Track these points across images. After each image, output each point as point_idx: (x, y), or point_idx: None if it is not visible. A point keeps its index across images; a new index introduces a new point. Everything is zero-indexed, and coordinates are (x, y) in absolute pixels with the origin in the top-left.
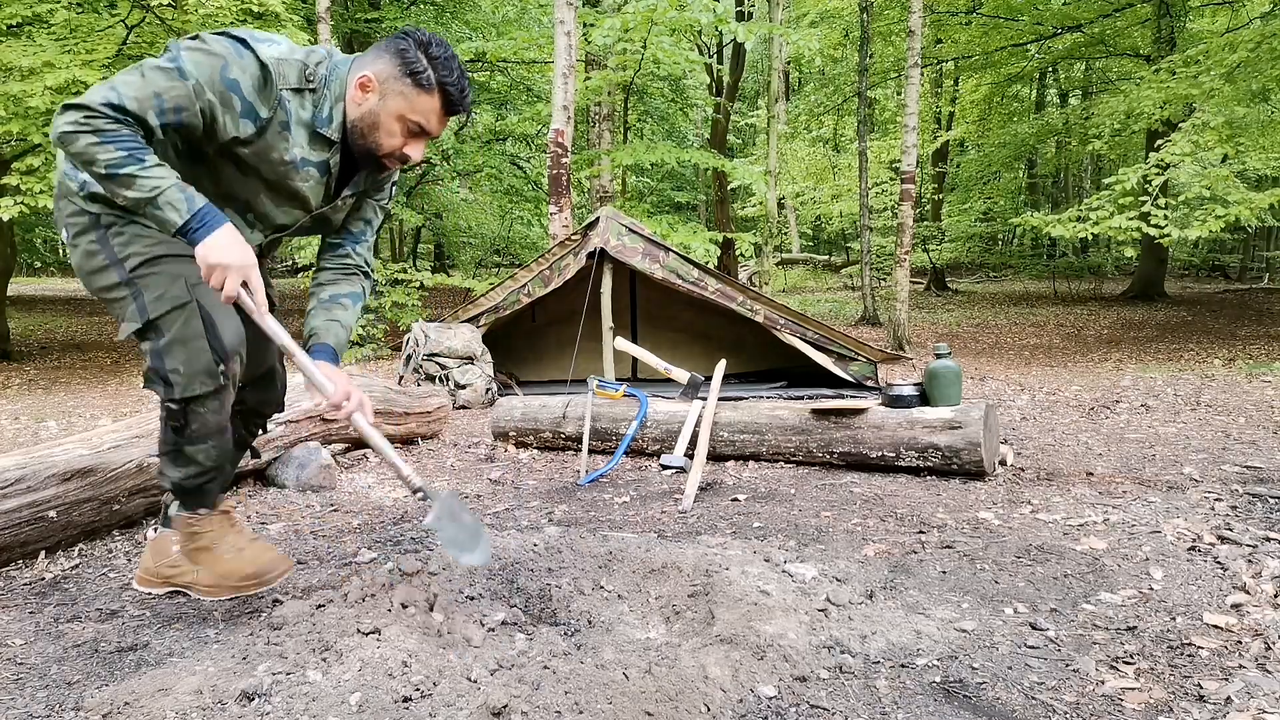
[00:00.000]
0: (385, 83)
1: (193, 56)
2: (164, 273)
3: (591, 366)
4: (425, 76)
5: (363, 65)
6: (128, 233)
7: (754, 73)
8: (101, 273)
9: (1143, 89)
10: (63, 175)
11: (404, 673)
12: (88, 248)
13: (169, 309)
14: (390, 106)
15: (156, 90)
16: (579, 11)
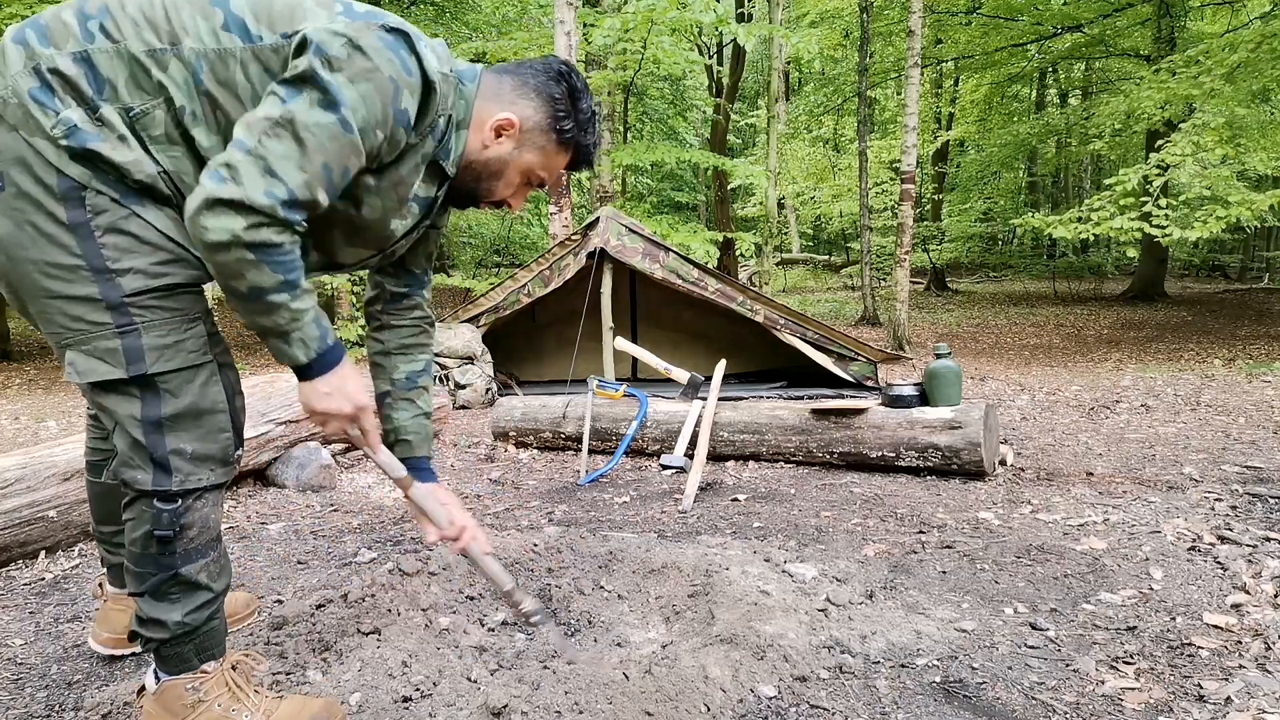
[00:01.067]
0: (529, 133)
1: (359, 90)
2: (180, 311)
3: (591, 366)
4: (570, 135)
5: (502, 99)
6: (129, 232)
7: (754, 73)
8: (63, 274)
9: (1143, 89)
10: (20, 86)
11: (404, 673)
12: (47, 227)
13: (181, 366)
14: (524, 159)
15: (325, 160)
16: (579, 11)
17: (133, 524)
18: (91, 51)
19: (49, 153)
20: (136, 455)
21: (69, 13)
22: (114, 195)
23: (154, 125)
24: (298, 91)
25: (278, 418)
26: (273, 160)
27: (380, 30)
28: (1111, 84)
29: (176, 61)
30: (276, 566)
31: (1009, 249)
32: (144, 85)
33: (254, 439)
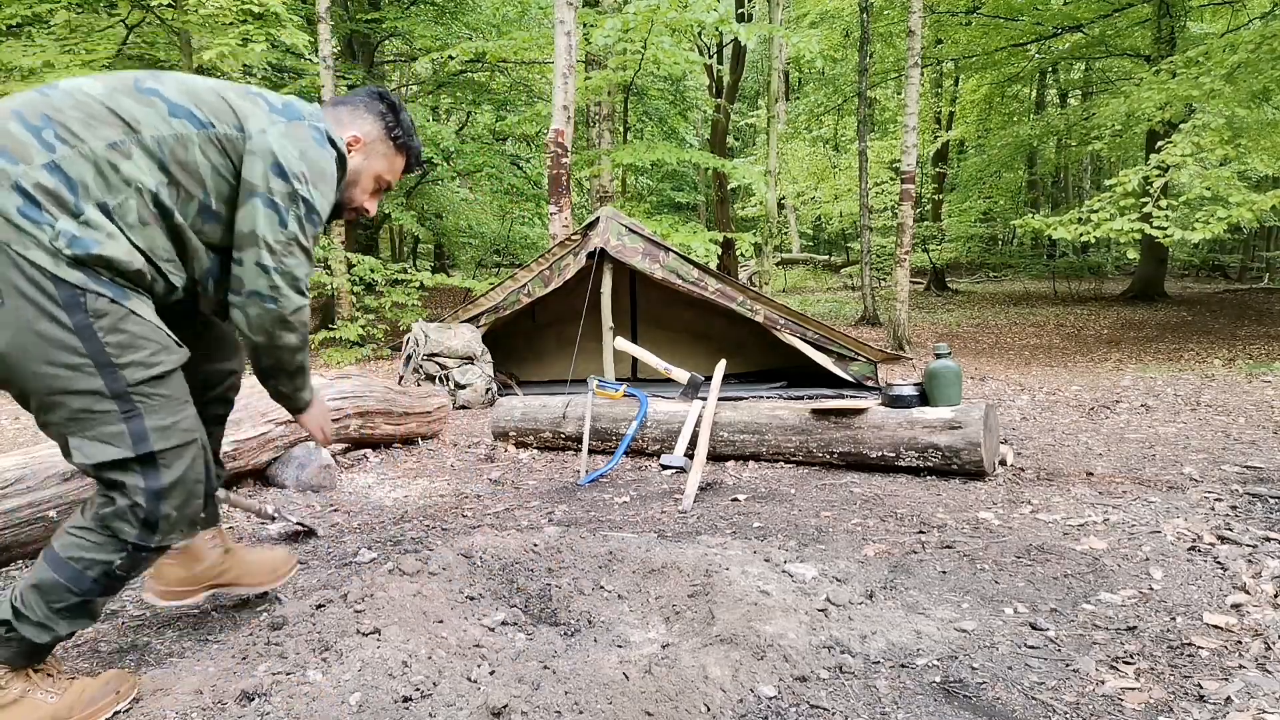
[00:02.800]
0: (371, 144)
1: (323, 193)
2: (174, 396)
3: (591, 366)
4: (402, 141)
5: (343, 124)
6: (127, 330)
7: (754, 73)
8: (69, 372)
9: (1143, 90)
10: (8, 207)
11: (404, 673)
12: (52, 333)
13: (179, 443)
14: (373, 166)
15: (313, 249)
16: (579, 12)
17: (93, 548)
18: (58, 159)
19: (46, 263)
20: (130, 514)
21: (16, 127)
22: (110, 295)
23: (129, 213)
24: (287, 210)
25: (277, 418)
26: (295, 272)
27: (313, 132)
28: (1111, 84)
29: (139, 149)
30: None
31: (1009, 249)
32: (111, 180)
33: (254, 439)
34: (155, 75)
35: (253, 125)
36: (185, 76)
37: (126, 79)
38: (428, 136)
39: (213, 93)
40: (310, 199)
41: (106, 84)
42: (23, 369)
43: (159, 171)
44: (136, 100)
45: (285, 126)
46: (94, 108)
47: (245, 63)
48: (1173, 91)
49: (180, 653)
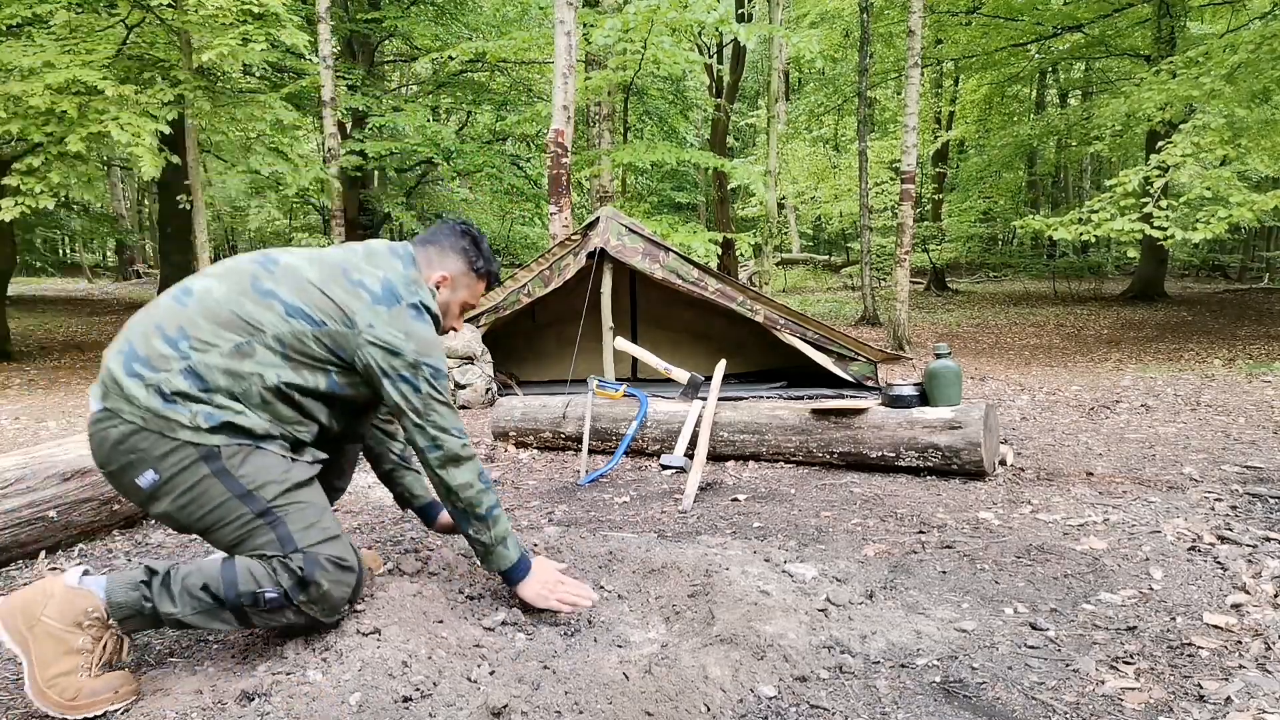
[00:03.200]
0: (456, 279)
1: (434, 355)
2: (311, 502)
3: (591, 366)
4: (483, 270)
5: (433, 264)
6: (254, 462)
7: (754, 73)
8: (219, 508)
9: (1143, 90)
10: (155, 405)
11: (404, 673)
12: (199, 486)
13: (320, 538)
14: (459, 298)
15: (449, 403)
16: (579, 12)
17: (245, 580)
18: (193, 364)
19: (190, 436)
20: (286, 572)
21: (159, 342)
22: (239, 443)
23: (252, 397)
24: (415, 379)
25: None
26: (442, 422)
27: (409, 312)
28: (1111, 84)
29: (263, 348)
30: None
31: (1009, 249)
32: (237, 373)
33: None
34: (271, 270)
35: (360, 321)
36: (294, 268)
37: (245, 279)
38: (428, 136)
39: (321, 294)
40: (428, 364)
41: (230, 287)
42: (189, 519)
43: (281, 361)
44: (257, 304)
45: (387, 315)
46: (222, 314)
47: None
48: (1173, 92)
49: (180, 652)
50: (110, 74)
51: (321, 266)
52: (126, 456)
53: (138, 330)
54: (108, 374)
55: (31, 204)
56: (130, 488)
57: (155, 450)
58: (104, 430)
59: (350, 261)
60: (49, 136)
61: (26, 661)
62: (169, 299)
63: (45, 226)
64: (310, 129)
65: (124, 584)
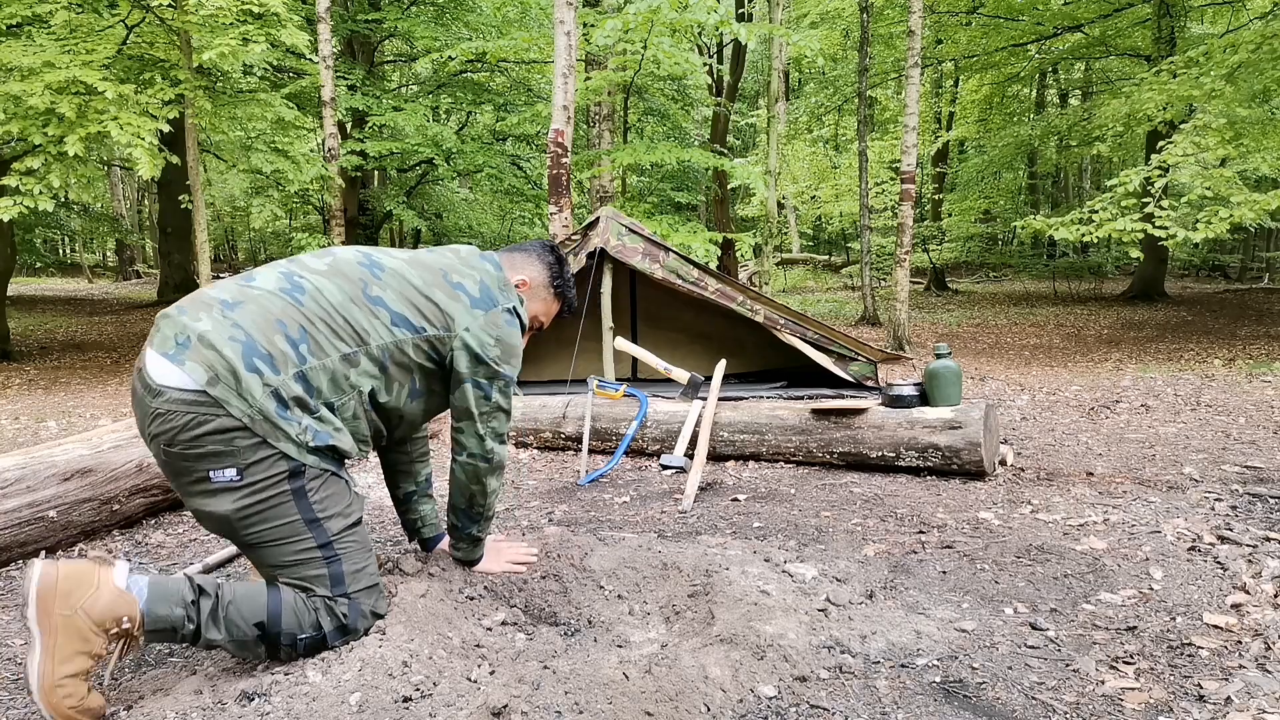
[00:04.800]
0: (535, 289)
1: (515, 364)
2: (361, 541)
3: (591, 366)
4: (561, 290)
5: (516, 268)
6: (330, 489)
7: (754, 73)
8: (284, 527)
9: (1143, 90)
10: (270, 410)
11: (404, 673)
12: (274, 500)
13: (367, 585)
14: (533, 309)
15: (510, 411)
16: (579, 12)
17: (289, 619)
18: (306, 370)
19: (292, 450)
20: (330, 615)
21: (281, 340)
22: (322, 466)
23: (348, 410)
24: (490, 386)
25: None
26: (499, 429)
27: (504, 316)
28: (1111, 84)
29: (366, 359)
30: None
31: (1009, 249)
32: (341, 384)
33: None
34: (378, 276)
35: (458, 324)
36: (399, 274)
37: (356, 284)
38: (428, 137)
39: (425, 298)
40: (505, 373)
41: (342, 289)
42: (245, 529)
43: (378, 372)
44: (365, 311)
45: (483, 319)
46: (336, 320)
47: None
48: (1173, 92)
49: (180, 652)
50: (110, 74)
51: (423, 271)
52: (215, 447)
53: (253, 319)
54: (221, 360)
55: (30, 204)
56: (195, 475)
57: (250, 453)
58: (200, 415)
59: (449, 264)
60: (48, 137)
61: (42, 647)
62: (279, 291)
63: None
64: (311, 127)
65: (168, 598)
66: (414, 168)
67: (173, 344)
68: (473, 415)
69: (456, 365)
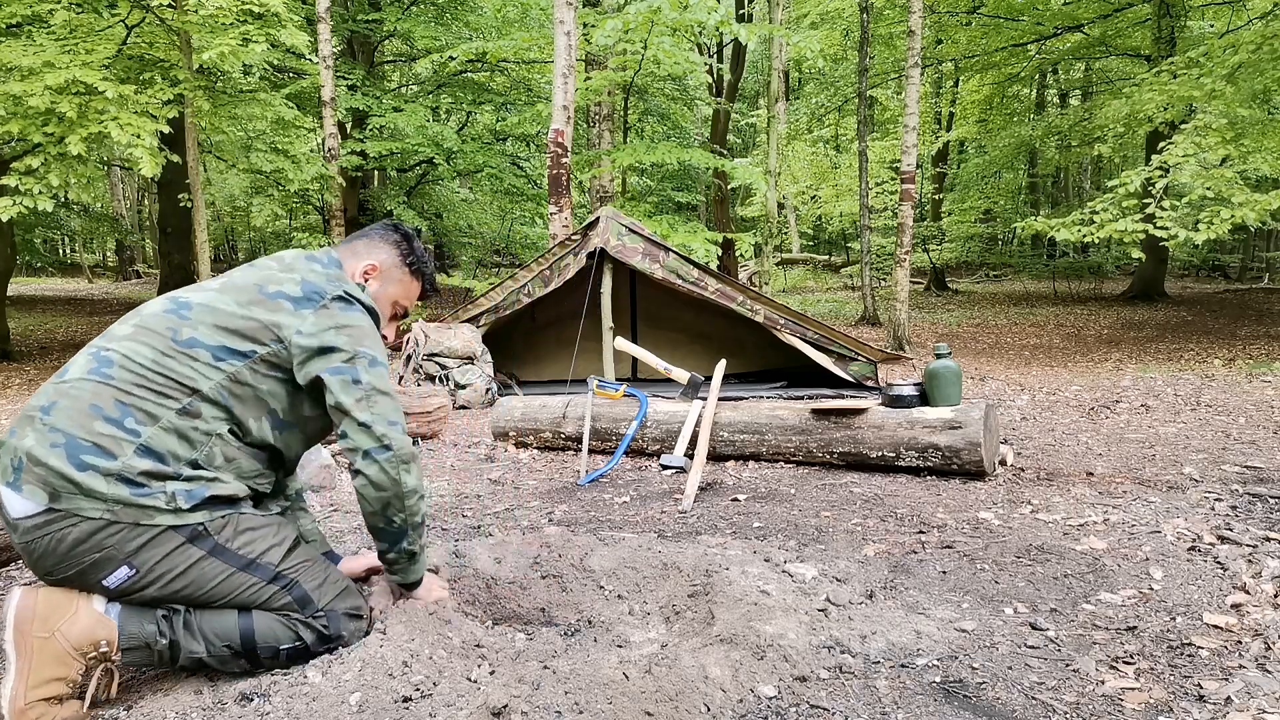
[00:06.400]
0: (387, 271)
1: (369, 344)
2: (309, 557)
3: (591, 366)
4: (416, 267)
5: (359, 255)
6: (245, 530)
7: (754, 73)
8: (222, 584)
9: (1144, 90)
10: (124, 495)
11: (404, 673)
12: (194, 569)
13: (336, 593)
14: (389, 292)
15: (393, 394)
16: (579, 12)
17: (265, 634)
18: (145, 442)
19: (171, 520)
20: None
21: (101, 425)
22: (224, 513)
23: (215, 459)
24: (352, 369)
25: None
26: (389, 416)
27: (337, 306)
28: (1112, 84)
29: (204, 404)
30: None
31: (1009, 249)
32: (192, 438)
33: None
34: (185, 317)
35: (287, 333)
36: (208, 306)
37: (163, 335)
38: (428, 136)
39: (243, 319)
40: (364, 352)
41: (151, 345)
42: (185, 599)
43: (224, 413)
44: (182, 359)
45: (313, 317)
46: (152, 380)
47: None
48: (1173, 92)
49: None
50: (110, 74)
51: (236, 292)
52: (90, 556)
53: (67, 416)
54: (50, 472)
55: (30, 204)
56: (99, 585)
57: (128, 544)
58: (56, 533)
59: (265, 276)
60: (48, 137)
61: (16, 669)
62: (87, 375)
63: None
64: (311, 127)
65: (140, 616)
66: (414, 168)
67: (10, 471)
68: (346, 409)
69: (308, 370)
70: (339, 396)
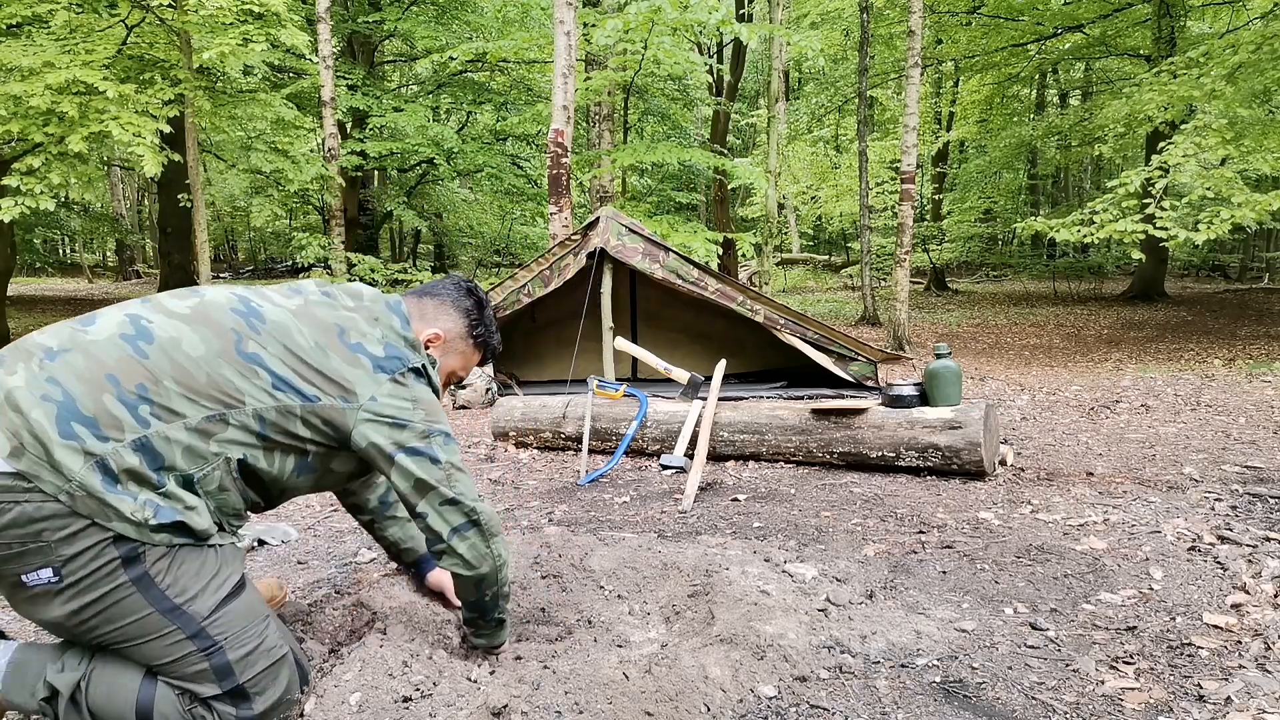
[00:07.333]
0: (451, 342)
1: (440, 418)
2: (246, 612)
3: (591, 366)
4: (483, 339)
5: (426, 319)
6: (183, 566)
7: (754, 73)
8: (134, 624)
9: (1144, 91)
10: (93, 485)
11: (404, 673)
12: (110, 597)
13: (264, 667)
14: (449, 364)
15: (466, 469)
16: (579, 12)
17: (165, 714)
18: (148, 437)
19: (129, 531)
20: None
21: (111, 400)
22: (173, 542)
23: (211, 482)
24: (429, 448)
25: None
26: (469, 490)
27: (412, 377)
28: (1112, 84)
29: (235, 424)
30: (276, 566)
31: (1009, 249)
32: (200, 452)
33: None
34: (256, 329)
35: (362, 392)
36: (282, 328)
37: (227, 336)
38: (428, 136)
39: (315, 362)
40: (439, 430)
41: (207, 341)
42: (86, 631)
43: (254, 439)
44: (239, 370)
45: (389, 385)
46: (196, 378)
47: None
48: (1173, 92)
49: None
50: (110, 74)
51: (314, 326)
52: (21, 544)
53: (75, 374)
54: (25, 423)
55: (32, 204)
56: (5, 579)
57: (65, 546)
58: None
59: (346, 320)
60: (49, 136)
61: None
62: (120, 338)
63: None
64: (311, 127)
65: (23, 688)
66: (414, 168)
67: None
68: (429, 487)
69: (373, 442)
70: (418, 476)
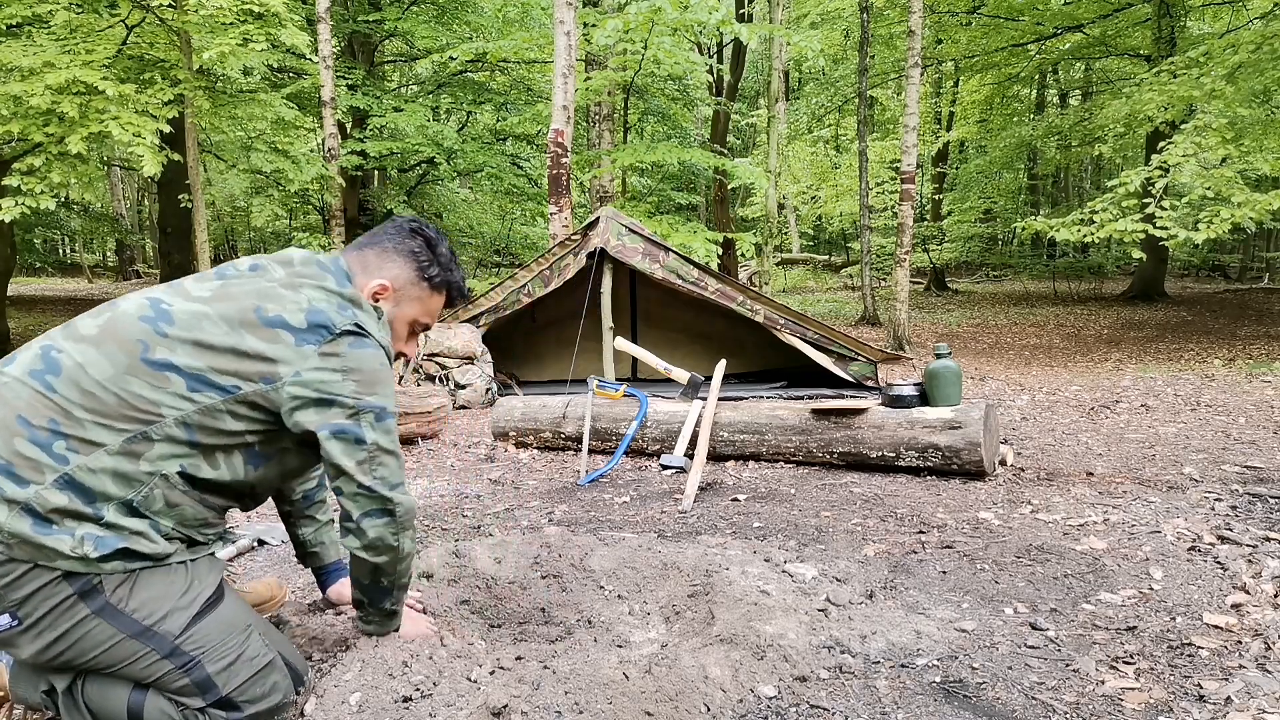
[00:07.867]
0: (402, 289)
1: (379, 390)
2: (222, 624)
3: (591, 366)
4: (440, 279)
5: (369, 270)
6: (148, 588)
7: (754, 73)
8: (108, 651)
9: (1144, 91)
10: (24, 531)
11: (404, 673)
12: (77, 630)
13: (248, 676)
14: (405, 312)
15: (396, 451)
16: (579, 12)
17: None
18: (71, 473)
19: (76, 567)
20: None
21: (24, 443)
22: (128, 568)
23: (155, 502)
24: (357, 428)
25: None
26: (391, 478)
27: (345, 343)
28: (1112, 84)
29: (161, 439)
30: (276, 567)
31: (1009, 249)
32: (132, 476)
33: None
34: (163, 331)
35: (283, 370)
36: (194, 317)
37: (131, 348)
38: (428, 136)
39: (232, 347)
40: (371, 404)
41: (113, 359)
42: (64, 664)
43: (186, 449)
44: (149, 382)
45: (316, 356)
46: (106, 403)
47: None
48: (1174, 92)
49: None
50: (110, 74)
51: (229, 305)
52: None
53: None
54: None
55: (32, 204)
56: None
57: (15, 590)
58: None
59: (266, 289)
60: (49, 137)
61: None
62: (28, 376)
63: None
64: (311, 127)
65: (28, 681)
66: (414, 167)
67: None
68: (347, 471)
69: (300, 421)
70: (339, 459)
